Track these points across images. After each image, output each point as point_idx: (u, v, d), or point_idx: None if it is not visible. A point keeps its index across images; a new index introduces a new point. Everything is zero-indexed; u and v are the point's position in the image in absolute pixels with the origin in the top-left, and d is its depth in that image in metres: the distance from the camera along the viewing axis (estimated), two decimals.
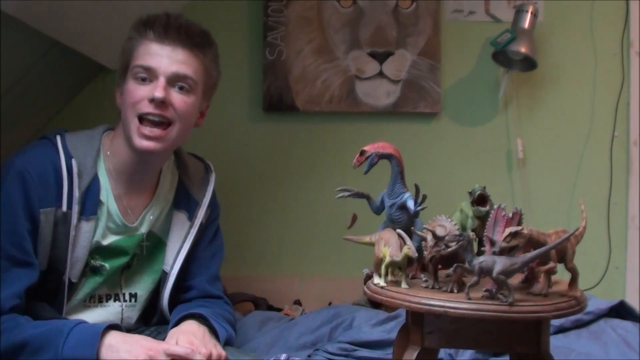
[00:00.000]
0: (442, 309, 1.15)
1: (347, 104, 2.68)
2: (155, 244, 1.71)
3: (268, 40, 2.66)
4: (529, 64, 2.59)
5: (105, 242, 1.61)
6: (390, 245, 1.25)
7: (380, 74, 2.69)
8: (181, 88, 1.57)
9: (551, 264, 1.19)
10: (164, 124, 1.56)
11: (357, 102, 2.68)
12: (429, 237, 1.23)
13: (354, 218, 1.42)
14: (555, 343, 1.44)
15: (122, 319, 1.66)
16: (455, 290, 1.21)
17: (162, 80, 1.54)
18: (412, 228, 1.28)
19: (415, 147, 2.67)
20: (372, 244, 1.32)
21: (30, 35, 2.03)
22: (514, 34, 2.52)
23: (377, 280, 1.26)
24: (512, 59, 2.60)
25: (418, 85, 2.69)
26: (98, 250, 1.61)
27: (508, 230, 1.17)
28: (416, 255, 1.22)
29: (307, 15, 2.68)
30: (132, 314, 1.69)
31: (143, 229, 1.67)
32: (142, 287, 1.70)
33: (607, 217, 2.67)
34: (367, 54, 2.69)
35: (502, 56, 2.59)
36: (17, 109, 2.43)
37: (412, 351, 1.21)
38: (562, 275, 1.28)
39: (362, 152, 1.34)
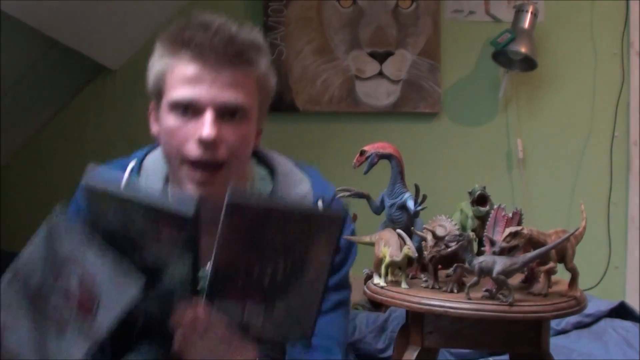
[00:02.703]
0: (442, 309, 1.14)
1: (347, 104, 2.68)
2: None
3: (268, 40, 2.66)
4: (529, 64, 2.59)
5: None
6: (390, 245, 1.25)
7: (380, 74, 2.69)
8: (233, 115, 1.24)
9: (551, 264, 1.19)
10: (217, 166, 1.23)
11: (357, 102, 2.68)
12: (429, 237, 1.23)
13: (354, 218, 1.41)
14: (556, 343, 1.44)
15: None
16: (455, 290, 1.20)
17: (209, 115, 1.21)
18: (412, 228, 1.28)
19: (415, 147, 2.67)
20: (372, 244, 1.31)
21: (30, 35, 2.03)
22: (514, 34, 2.52)
23: (377, 280, 1.26)
24: (512, 59, 2.60)
25: (418, 85, 2.69)
26: None
27: (508, 230, 1.17)
28: (416, 255, 1.22)
29: (307, 15, 2.68)
30: None
31: None
32: None
33: (607, 217, 2.67)
34: (367, 54, 2.69)
35: (502, 56, 2.59)
36: (17, 109, 2.43)
37: (412, 351, 1.20)
38: (562, 276, 1.28)
39: (362, 152, 1.34)
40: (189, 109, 1.22)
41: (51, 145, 2.73)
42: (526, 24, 2.54)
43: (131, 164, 1.33)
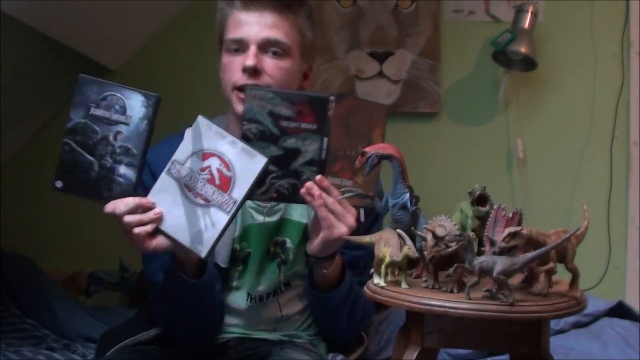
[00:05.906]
0: (442, 309, 1.14)
1: None
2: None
3: None
4: (529, 64, 2.59)
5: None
6: (390, 245, 1.25)
7: (380, 74, 2.69)
8: (275, 53, 1.52)
9: (551, 264, 1.19)
10: None
11: None
12: (429, 237, 1.23)
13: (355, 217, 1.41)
14: (555, 342, 1.44)
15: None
16: (455, 290, 1.21)
17: (252, 48, 1.51)
18: (412, 228, 1.28)
19: (415, 147, 2.67)
20: (372, 244, 1.32)
21: (30, 35, 2.03)
22: (514, 34, 2.52)
23: (377, 280, 1.26)
24: (512, 59, 2.60)
25: (418, 85, 2.69)
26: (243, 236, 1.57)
27: (507, 231, 1.17)
28: (416, 255, 1.22)
29: None
30: None
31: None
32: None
33: (607, 217, 2.67)
34: (367, 54, 2.69)
35: (502, 56, 2.59)
36: (17, 109, 2.43)
37: (412, 351, 1.21)
38: (562, 276, 1.28)
39: (363, 153, 1.34)
40: (239, 48, 1.52)
41: (51, 145, 2.73)
42: (526, 24, 2.54)
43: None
